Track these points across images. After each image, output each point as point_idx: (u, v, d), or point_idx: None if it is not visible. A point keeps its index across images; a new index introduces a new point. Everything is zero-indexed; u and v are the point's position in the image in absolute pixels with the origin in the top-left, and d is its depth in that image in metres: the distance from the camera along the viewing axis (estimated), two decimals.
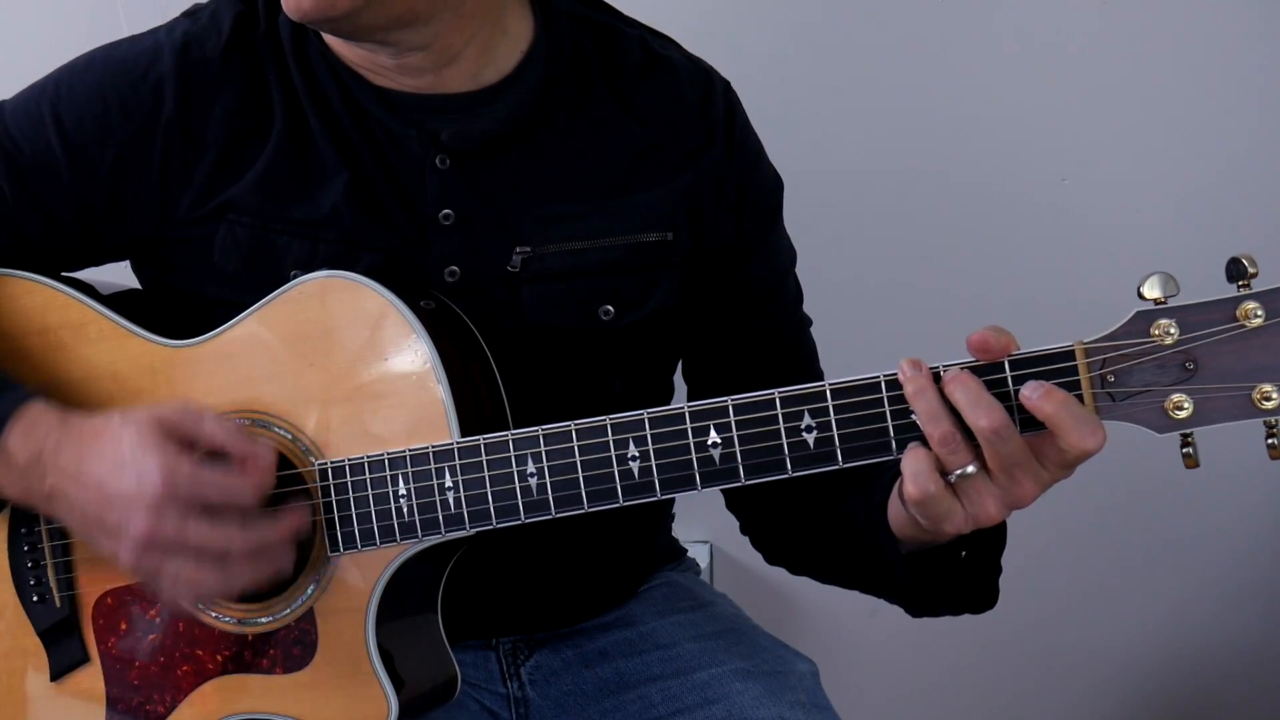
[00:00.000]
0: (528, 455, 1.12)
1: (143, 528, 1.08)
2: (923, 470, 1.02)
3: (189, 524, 1.08)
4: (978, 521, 1.04)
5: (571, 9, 1.36)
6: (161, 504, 1.08)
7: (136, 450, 1.09)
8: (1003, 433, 1.01)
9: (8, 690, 1.26)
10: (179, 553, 1.09)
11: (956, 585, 1.20)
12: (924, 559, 1.19)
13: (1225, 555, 2.13)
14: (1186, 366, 1.00)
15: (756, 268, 1.37)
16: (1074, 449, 1.01)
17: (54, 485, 1.14)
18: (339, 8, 1.17)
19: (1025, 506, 1.05)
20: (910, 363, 1.04)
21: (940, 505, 1.03)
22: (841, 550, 1.30)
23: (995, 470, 1.03)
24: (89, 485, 1.11)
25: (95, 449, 1.12)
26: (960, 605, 1.22)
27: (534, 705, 1.38)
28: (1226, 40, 1.94)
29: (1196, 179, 1.98)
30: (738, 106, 1.39)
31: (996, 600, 1.22)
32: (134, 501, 1.08)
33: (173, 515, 1.08)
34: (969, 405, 1.01)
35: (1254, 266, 0.99)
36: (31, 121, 1.27)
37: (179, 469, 1.08)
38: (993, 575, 1.20)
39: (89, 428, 1.14)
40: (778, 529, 1.41)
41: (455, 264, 1.27)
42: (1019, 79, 1.97)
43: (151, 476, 1.08)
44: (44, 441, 1.14)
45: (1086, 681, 2.21)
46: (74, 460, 1.13)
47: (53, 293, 1.27)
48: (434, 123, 1.27)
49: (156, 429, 1.11)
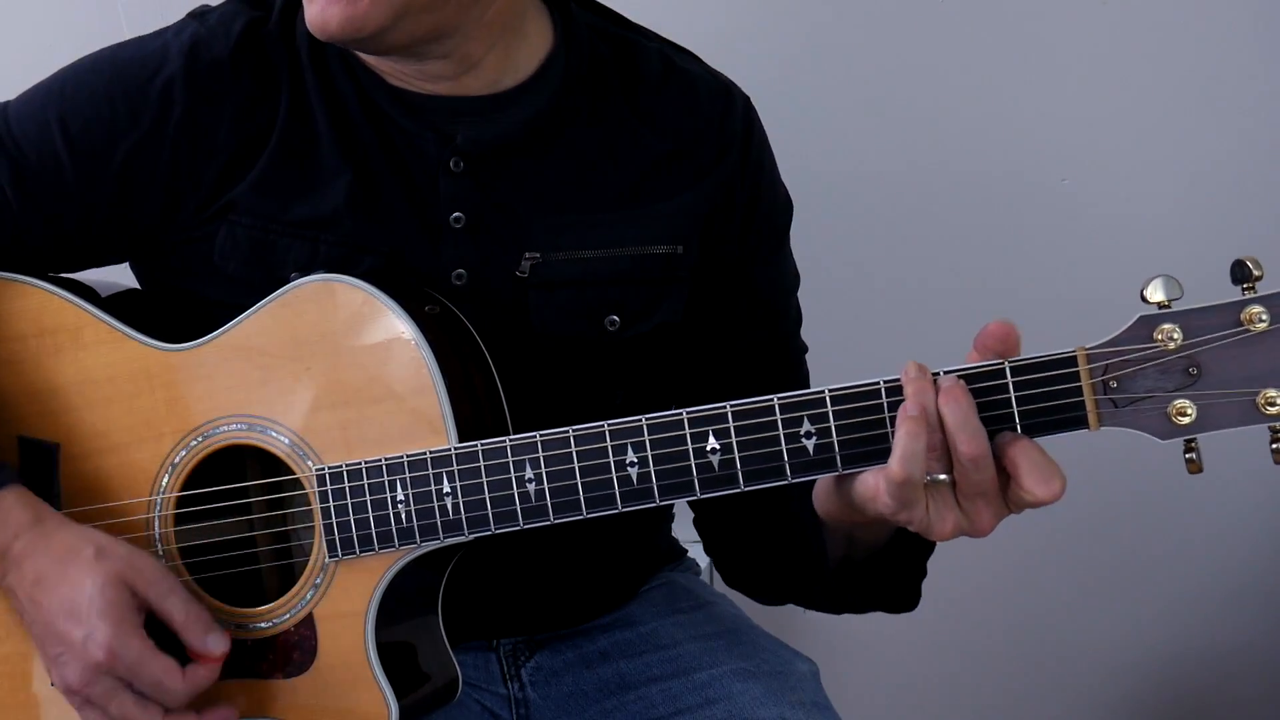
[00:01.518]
0: (525, 461, 1.11)
1: (74, 681, 1.13)
2: (917, 453, 1.01)
3: (116, 696, 1.12)
4: (929, 530, 1.04)
5: (592, 20, 1.35)
6: (98, 670, 1.12)
7: (95, 608, 1.12)
8: (980, 462, 1.00)
9: (9, 693, 1.26)
10: (101, 711, 1.14)
11: (880, 579, 1.21)
12: (851, 559, 1.21)
13: (1224, 556, 2.13)
14: (1190, 372, 0.99)
15: (758, 286, 1.36)
16: (1029, 492, 1.00)
17: (12, 587, 1.17)
18: (366, 29, 1.17)
19: (980, 537, 1.05)
20: (916, 365, 1.03)
21: (914, 492, 1.02)
22: (775, 550, 1.30)
23: (962, 493, 1.03)
24: (41, 611, 1.14)
25: (56, 578, 1.14)
26: (880, 600, 1.23)
27: (534, 706, 1.38)
28: (1227, 39, 1.92)
29: (1197, 178, 1.97)
30: (756, 123, 1.38)
31: (917, 603, 1.22)
32: (75, 653, 1.12)
33: (105, 683, 1.12)
34: (956, 426, 1.00)
35: (1259, 269, 0.97)
36: (36, 125, 1.26)
37: (126, 648, 1.12)
38: (917, 577, 1.21)
39: (58, 546, 1.15)
40: (729, 543, 1.41)
41: (463, 267, 1.26)
42: (1019, 79, 1.96)
43: (97, 642, 1.11)
44: (12, 541, 1.16)
45: (1087, 681, 2.20)
46: (34, 578, 1.15)
47: (48, 296, 1.26)
48: (450, 125, 1.27)
49: (121, 588, 1.13)
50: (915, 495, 1.02)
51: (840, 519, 1.14)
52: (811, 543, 1.23)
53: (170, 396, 1.23)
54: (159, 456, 1.23)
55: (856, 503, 1.08)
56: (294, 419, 1.19)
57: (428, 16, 1.18)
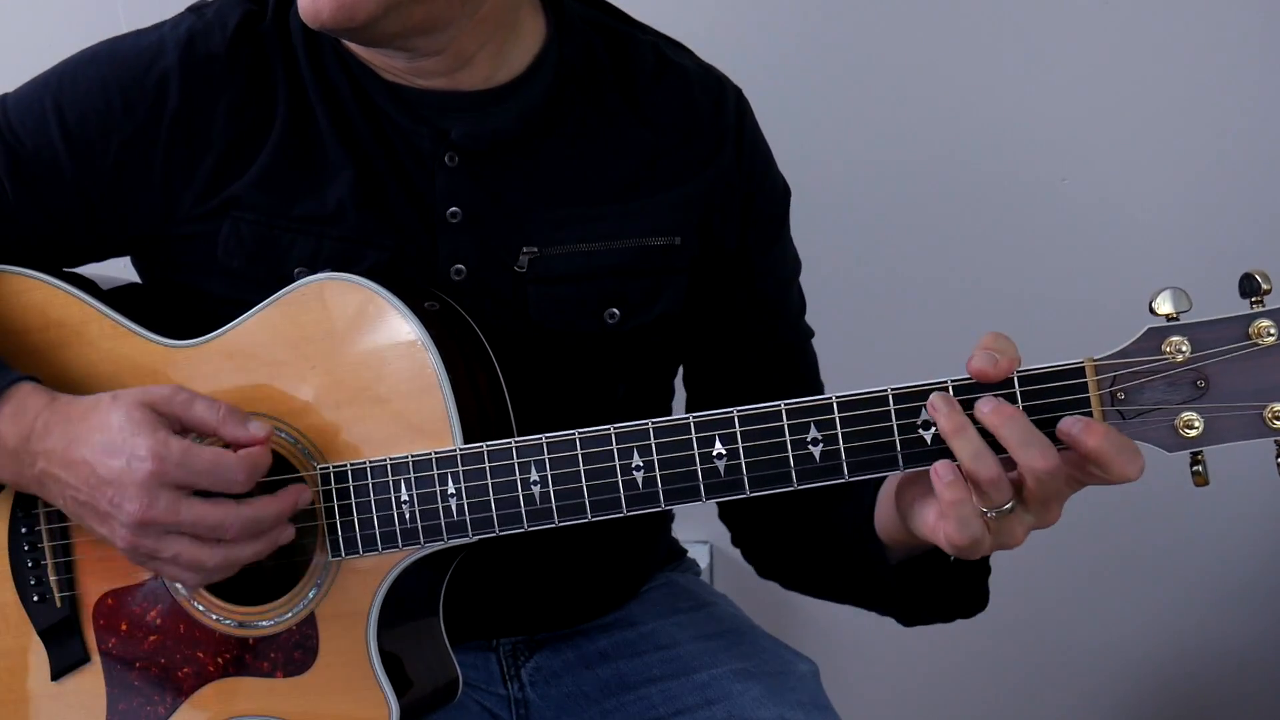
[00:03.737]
0: (531, 464, 1.11)
1: (135, 510, 1.08)
2: (972, 516, 0.99)
3: (182, 504, 1.08)
4: (1003, 547, 1.03)
5: (585, 14, 1.35)
6: (153, 485, 1.08)
7: (126, 431, 1.09)
8: (1056, 473, 0.99)
9: (8, 689, 1.26)
10: (175, 533, 1.09)
11: (948, 589, 1.19)
12: (914, 565, 1.19)
13: (1224, 557, 2.13)
14: (1198, 385, 0.99)
15: (760, 276, 1.36)
16: (1118, 478, 1.00)
17: (44, 469, 1.14)
18: (358, 17, 1.16)
19: (1047, 528, 1.04)
20: (941, 398, 1.01)
21: (980, 540, 1.01)
22: (831, 562, 1.29)
23: (1032, 502, 1.02)
24: (79, 468, 1.11)
25: (84, 430, 1.12)
26: (952, 611, 1.21)
27: (534, 706, 1.38)
28: (1228, 39, 1.92)
29: (1198, 178, 1.96)
30: (748, 114, 1.38)
31: (987, 603, 1.21)
32: (125, 483, 1.08)
33: (165, 496, 1.08)
34: (1020, 444, 0.99)
35: (1268, 283, 0.97)
36: (34, 116, 1.26)
37: (169, 450, 1.08)
38: (983, 576, 1.19)
39: (77, 409, 1.14)
40: (769, 541, 1.40)
41: (462, 262, 1.26)
42: (1019, 79, 1.96)
43: (142, 457, 1.08)
44: (33, 423, 1.14)
45: (1087, 682, 2.21)
46: (63, 442, 1.12)
47: (53, 290, 1.26)
48: (445, 120, 1.26)
49: (146, 409, 1.10)
50: (980, 541, 1.01)
51: (904, 542, 1.14)
52: (867, 546, 1.19)
53: None
54: None
55: (920, 538, 1.08)
56: (298, 418, 1.18)
57: (419, 9, 1.18)
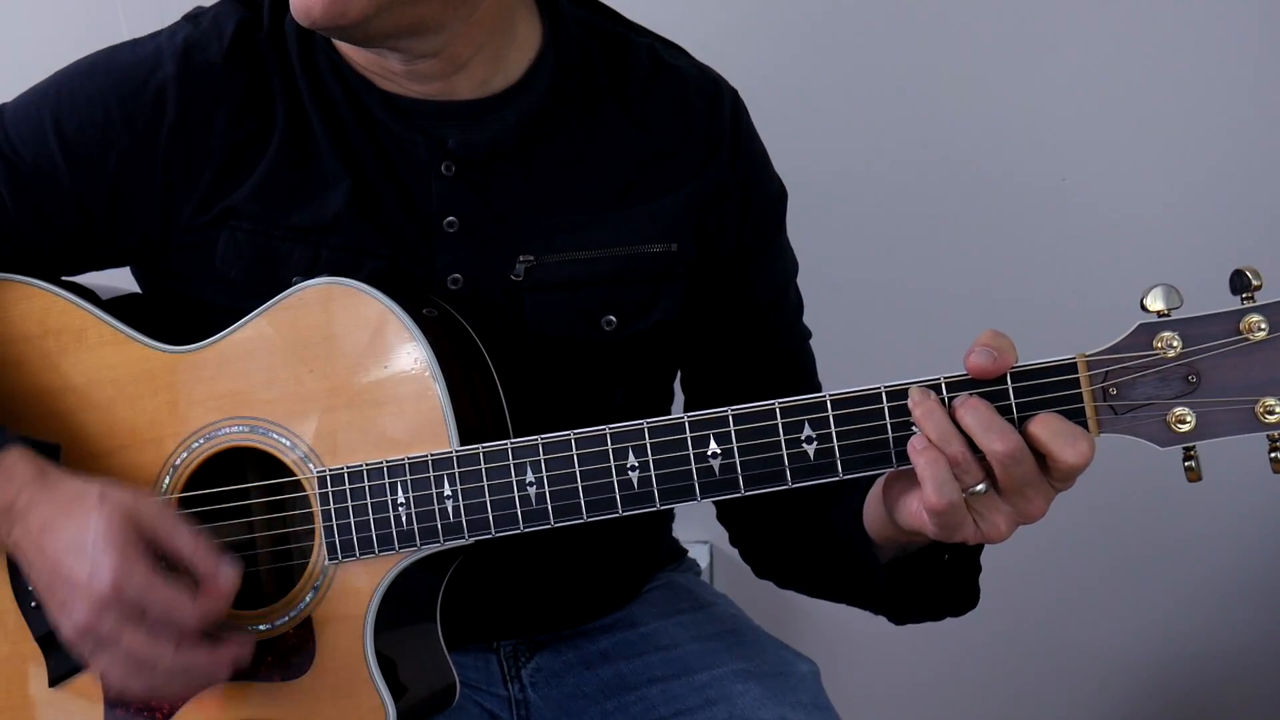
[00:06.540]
0: (526, 465, 1.12)
1: (81, 619, 1.10)
2: (946, 479, 1.02)
3: (125, 629, 1.10)
4: (987, 538, 1.05)
5: (580, 16, 1.35)
6: (105, 604, 1.09)
7: (99, 543, 1.10)
8: (1017, 455, 1.01)
9: (6, 696, 1.26)
10: (112, 649, 1.11)
11: (938, 587, 1.20)
12: (905, 564, 1.19)
13: (1223, 558, 2.13)
14: (1189, 380, 0.99)
15: (758, 278, 1.36)
16: (1064, 464, 1.01)
17: (18, 541, 1.15)
18: (349, 16, 1.16)
19: (1036, 521, 1.05)
20: (917, 389, 1.04)
21: (958, 514, 1.03)
22: (824, 561, 1.30)
23: (1007, 490, 1.03)
24: (47, 556, 1.13)
25: (62, 522, 1.13)
26: (942, 609, 1.22)
27: (535, 707, 1.38)
28: (1228, 39, 1.93)
29: (1197, 177, 1.97)
30: (744, 115, 1.38)
31: (978, 600, 1.22)
32: (80, 591, 1.10)
33: (112, 617, 1.10)
34: (981, 430, 1.01)
35: (1258, 279, 0.98)
36: (32, 128, 1.26)
37: (131, 578, 1.10)
38: (973, 574, 1.20)
39: (62, 494, 1.14)
40: (764, 541, 1.41)
41: (459, 271, 1.26)
42: (1017, 79, 1.96)
43: (103, 574, 1.09)
44: (16, 496, 1.15)
45: (1086, 682, 2.21)
46: (39, 526, 1.14)
47: (52, 298, 1.26)
48: (441, 129, 1.27)
49: (126, 524, 1.11)
50: (959, 517, 1.03)
51: (893, 539, 1.15)
52: (856, 547, 1.21)
53: (173, 398, 1.23)
54: (161, 458, 1.23)
55: (907, 530, 1.09)
56: (296, 421, 1.19)
57: (411, 9, 1.18)
